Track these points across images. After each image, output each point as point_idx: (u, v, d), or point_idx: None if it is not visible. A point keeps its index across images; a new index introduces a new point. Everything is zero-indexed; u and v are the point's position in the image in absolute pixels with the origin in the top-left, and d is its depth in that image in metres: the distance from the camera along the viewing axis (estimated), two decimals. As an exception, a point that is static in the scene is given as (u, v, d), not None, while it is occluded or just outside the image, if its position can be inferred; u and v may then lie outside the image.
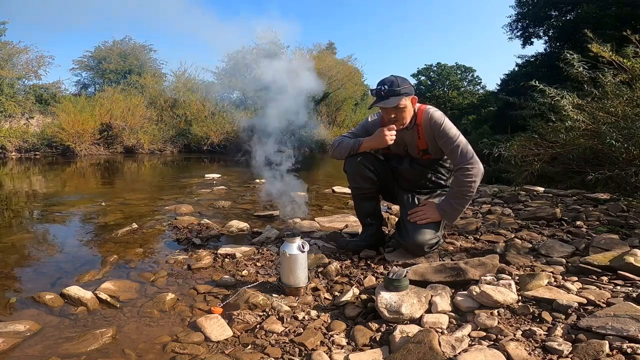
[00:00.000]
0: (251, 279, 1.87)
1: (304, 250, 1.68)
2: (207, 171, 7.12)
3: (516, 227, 2.45)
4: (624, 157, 3.33)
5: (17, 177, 7.36)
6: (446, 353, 1.15)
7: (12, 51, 13.02)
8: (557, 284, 1.55)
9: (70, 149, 12.51)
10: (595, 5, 12.82)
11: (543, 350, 1.15)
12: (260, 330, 1.41)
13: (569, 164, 3.94)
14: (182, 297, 1.71)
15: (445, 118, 1.97)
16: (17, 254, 2.39)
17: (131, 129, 14.09)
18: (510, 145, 4.10)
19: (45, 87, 14.79)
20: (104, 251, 2.38)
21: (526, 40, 17.57)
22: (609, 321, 1.19)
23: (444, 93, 39.36)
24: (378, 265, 1.95)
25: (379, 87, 1.90)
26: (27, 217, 3.65)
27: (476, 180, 1.90)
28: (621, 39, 4.15)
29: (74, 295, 1.66)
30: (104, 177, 7.48)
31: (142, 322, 1.50)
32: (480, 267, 1.66)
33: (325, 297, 1.67)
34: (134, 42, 20.17)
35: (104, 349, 1.32)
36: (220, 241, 2.47)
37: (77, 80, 20.64)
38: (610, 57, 3.72)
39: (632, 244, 1.94)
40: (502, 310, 1.38)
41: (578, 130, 3.69)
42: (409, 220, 2.02)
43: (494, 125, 15.27)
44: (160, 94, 16.68)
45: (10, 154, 11.72)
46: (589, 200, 3.14)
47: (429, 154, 2.07)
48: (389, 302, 1.42)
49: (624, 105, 3.55)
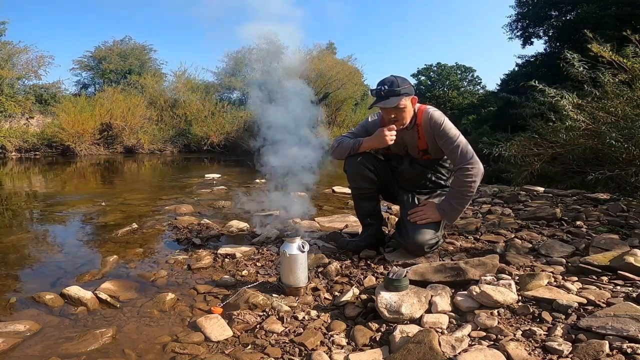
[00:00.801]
0: (251, 279, 1.87)
1: (304, 250, 1.68)
2: (207, 171, 7.13)
3: (516, 227, 2.45)
4: (624, 157, 3.33)
5: (17, 177, 7.37)
6: (446, 353, 1.15)
7: (12, 51, 13.04)
8: (557, 284, 1.55)
9: (70, 149, 12.51)
10: (595, 5, 12.81)
11: (543, 350, 1.15)
12: (260, 330, 1.41)
13: (569, 164, 3.94)
14: (182, 297, 1.71)
15: (445, 118, 1.97)
16: (17, 254, 2.38)
17: (131, 129, 14.10)
18: (510, 145, 4.11)
19: (45, 87, 14.81)
20: (104, 251, 2.38)
21: (526, 40, 17.55)
22: (609, 321, 1.19)
23: (444, 93, 39.36)
24: (378, 265, 1.95)
25: (379, 87, 1.90)
26: (27, 217, 3.65)
27: (476, 180, 1.90)
28: (621, 39, 4.16)
29: (74, 295, 1.65)
30: (104, 177, 7.48)
31: (142, 322, 1.50)
32: (480, 267, 1.66)
33: (325, 297, 1.67)
34: (134, 42, 20.19)
35: (104, 349, 1.32)
36: (220, 241, 2.47)
37: (77, 80, 20.66)
38: (610, 57, 3.73)
39: (632, 244, 1.94)
40: (502, 310, 1.38)
41: (578, 130, 3.70)
42: (409, 220, 2.02)
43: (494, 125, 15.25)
44: (160, 94, 16.69)
45: (10, 154, 11.73)
46: (589, 200, 3.14)
47: (429, 154, 2.07)
48: (389, 302, 1.42)
49: (624, 105, 3.56)
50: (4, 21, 13.07)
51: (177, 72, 18.11)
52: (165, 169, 9.47)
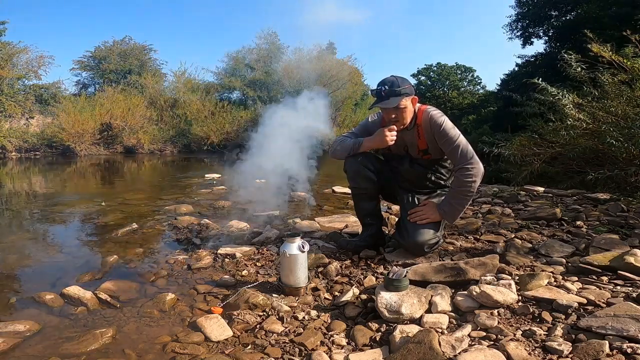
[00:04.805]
0: (251, 279, 1.87)
1: (304, 250, 1.68)
2: (207, 171, 7.13)
3: (516, 227, 2.45)
4: (624, 157, 3.33)
5: (17, 177, 7.36)
6: (446, 353, 1.15)
7: (12, 51, 13.03)
8: (557, 284, 1.55)
9: (70, 149, 12.52)
10: (595, 5, 12.80)
11: (543, 350, 1.15)
12: (260, 330, 1.41)
13: (569, 164, 3.94)
14: (182, 297, 1.71)
15: (445, 118, 1.97)
16: (17, 254, 2.38)
17: (131, 128, 14.10)
18: (510, 145, 4.11)
19: (45, 87, 14.80)
20: (104, 251, 2.38)
21: (526, 40, 17.54)
22: (609, 321, 1.19)
23: (444, 93, 39.30)
24: (378, 265, 1.95)
25: (379, 87, 1.90)
26: (27, 217, 3.65)
27: (476, 180, 1.90)
28: (621, 39, 4.16)
29: (74, 295, 1.66)
30: (104, 177, 7.48)
31: (142, 322, 1.50)
32: (480, 267, 1.66)
33: (325, 297, 1.67)
34: (134, 42, 20.18)
35: (104, 349, 1.32)
36: (220, 241, 2.47)
37: (77, 80, 20.65)
38: (610, 57, 3.72)
39: (632, 244, 1.94)
40: (502, 310, 1.38)
41: (578, 130, 3.70)
42: (409, 220, 2.02)
43: (494, 125, 15.26)
44: (160, 94, 16.69)
45: (10, 154, 11.73)
46: (589, 200, 3.14)
47: (429, 154, 2.07)
48: (389, 302, 1.42)
49: (624, 105, 3.55)
50: (4, 21, 13.08)
51: (177, 72, 18.12)
52: (165, 169, 9.47)
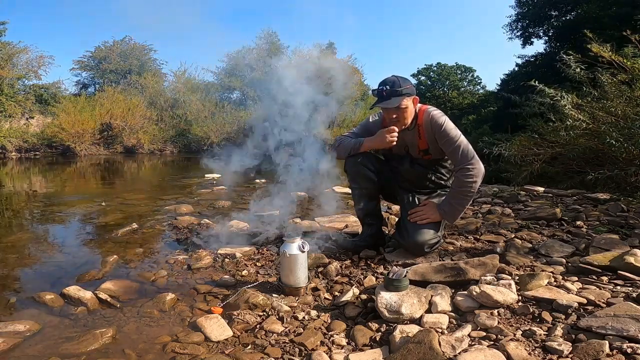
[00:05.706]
0: (251, 279, 1.87)
1: (304, 250, 1.68)
2: (207, 171, 7.12)
3: (516, 227, 2.45)
4: (624, 157, 3.33)
5: (17, 177, 7.36)
6: (446, 353, 1.15)
7: (12, 51, 13.04)
8: (557, 284, 1.55)
9: (70, 149, 12.52)
10: (595, 5, 12.80)
11: (543, 350, 1.15)
12: (260, 330, 1.41)
13: (569, 164, 3.94)
14: (182, 297, 1.71)
15: (446, 118, 1.97)
16: (17, 254, 2.38)
17: (131, 129, 14.10)
18: (510, 145, 4.11)
19: (45, 87, 14.82)
20: (104, 251, 2.38)
21: (526, 40, 17.54)
22: (609, 321, 1.19)
23: (444, 93, 39.29)
24: (378, 265, 1.95)
25: (380, 87, 1.90)
26: (27, 217, 3.65)
27: (477, 180, 1.90)
28: (621, 39, 4.16)
29: (74, 295, 1.66)
30: (104, 177, 7.48)
31: (142, 322, 1.50)
32: (480, 267, 1.66)
33: (325, 297, 1.67)
34: (134, 42, 20.20)
35: (104, 349, 1.32)
36: (220, 241, 2.47)
37: (77, 80, 20.70)
38: (610, 57, 3.73)
39: (632, 244, 1.94)
40: (502, 310, 1.38)
41: (578, 130, 3.70)
42: (409, 220, 2.02)
43: (494, 125, 15.26)
44: (160, 94, 16.69)
45: (10, 154, 11.73)
46: (589, 200, 3.14)
47: (429, 154, 2.07)
48: (389, 302, 1.42)
49: (624, 105, 3.55)
50: (4, 21, 13.09)
51: (177, 72, 18.13)
52: (165, 169, 9.47)
